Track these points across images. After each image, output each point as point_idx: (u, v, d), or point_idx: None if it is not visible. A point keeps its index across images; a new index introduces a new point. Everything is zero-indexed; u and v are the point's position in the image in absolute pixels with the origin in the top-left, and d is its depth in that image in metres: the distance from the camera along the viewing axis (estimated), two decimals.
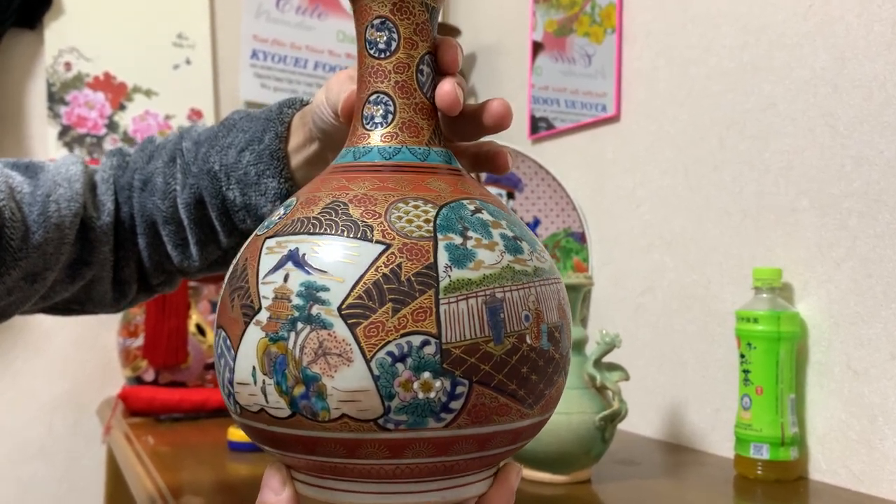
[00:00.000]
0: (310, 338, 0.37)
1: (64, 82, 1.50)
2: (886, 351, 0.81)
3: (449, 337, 0.37)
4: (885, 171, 0.82)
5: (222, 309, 0.41)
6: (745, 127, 0.98)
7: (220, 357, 0.41)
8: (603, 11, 1.25)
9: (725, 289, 1.01)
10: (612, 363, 0.89)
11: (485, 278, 0.39)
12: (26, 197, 0.61)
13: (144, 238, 0.65)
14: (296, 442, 0.38)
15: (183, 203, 0.62)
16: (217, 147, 0.62)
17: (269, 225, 0.42)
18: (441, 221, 0.40)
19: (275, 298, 0.38)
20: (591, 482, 0.87)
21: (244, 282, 0.39)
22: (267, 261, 0.39)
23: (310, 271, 0.38)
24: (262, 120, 0.61)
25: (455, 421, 0.38)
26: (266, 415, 0.38)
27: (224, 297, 0.41)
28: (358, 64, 0.45)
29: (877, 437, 0.82)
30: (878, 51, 0.83)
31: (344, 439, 0.37)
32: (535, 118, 1.41)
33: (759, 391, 0.88)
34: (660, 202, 1.12)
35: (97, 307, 0.68)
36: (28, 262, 0.59)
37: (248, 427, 0.40)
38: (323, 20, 1.67)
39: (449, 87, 0.43)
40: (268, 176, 0.59)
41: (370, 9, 0.44)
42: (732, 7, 1.00)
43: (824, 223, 0.88)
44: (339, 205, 0.40)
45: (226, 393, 0.40)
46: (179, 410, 1.20)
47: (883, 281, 0.81)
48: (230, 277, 0.41)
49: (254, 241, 0.41)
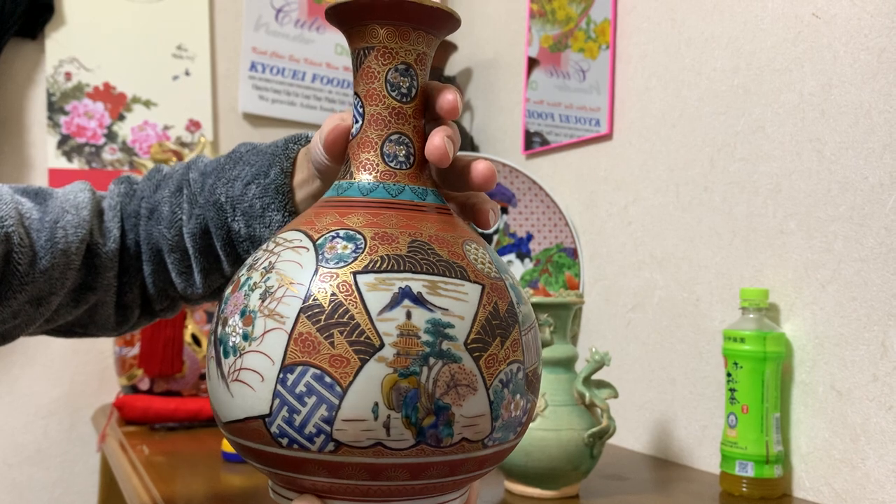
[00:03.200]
0: (442, 371, 0.40)
1: (64, 92, 1.51)
2: (869, 372, 0.83)
3: (527, 363, 0.44)
4: (869, 196, 0.83)
5: (311, 347, 0.39)
6: (736, 149, 1.00)
7: (304, 395, 0.39)
8: (598, 27, 1.26)
9: (714, 307, 1.02)
10: (601, 380, 0.90)
11: (530, 312, 0.46)
12: (35, 223, 0.62)
13: (150, 265, 0.66)
14: (403, 470, 0.41)
15: (189, 232, 0.64)
16: (223, 179, 0.63)
17: (336, 260, 0.41)
18: (495, 262, 0.46)
19: (400, 335, 0.39)
20: (579, 497, 0.88)
21: (346, 318, 0.39)
22: (375, 297, 0.40)
23: (432, 309, 0.41)
24: (268, 154, 0.62)
25: (522, 433, 0.45)
26: (381, 447, 0.39)
27: (308, 335, 0.39)
28: (370, 101, 0.47)
29: (859, 456, 0.83)
30: (864, 79, 0.84)
31: (454, 461, 0.42)
32: (529, 133, 1.42)
33: (744, 410, 0.89)
34: (651, 220, 1.14)
35: (99, 330, 0.69)
36: (34, 286, 0.61)
37: (336, 464, 0.40)
38: (321, 33, 1.68)
39: (439, 141, 0.46)
40: (273, 209, 0.60)
41: (397, 54, 0.46)
42: (725, 31, 1.02)
43: (811, 246, 0.90)
44: (423, 244, 0.43)
45: (311, 431, 0.39)
46: (174, 420, 1.21)
47: (866, 304, 0.83)
48: (316, 318, 0.40)
49: (329, 275, 0.41)
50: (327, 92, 1.69)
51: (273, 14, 1.64)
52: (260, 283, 0.42)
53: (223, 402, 0.43)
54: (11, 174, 1.48)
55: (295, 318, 0.40)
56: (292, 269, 0.42)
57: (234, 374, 0.41)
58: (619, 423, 1.16)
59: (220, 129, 1.64)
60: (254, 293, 0.42)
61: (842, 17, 0.87)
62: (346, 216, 0.44)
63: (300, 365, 0.39)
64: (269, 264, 0.43)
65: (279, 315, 0.40)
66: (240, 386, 0.41)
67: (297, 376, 0.39)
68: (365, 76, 0.47)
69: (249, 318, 0.41)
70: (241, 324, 0.42)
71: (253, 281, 0.43)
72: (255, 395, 0.40)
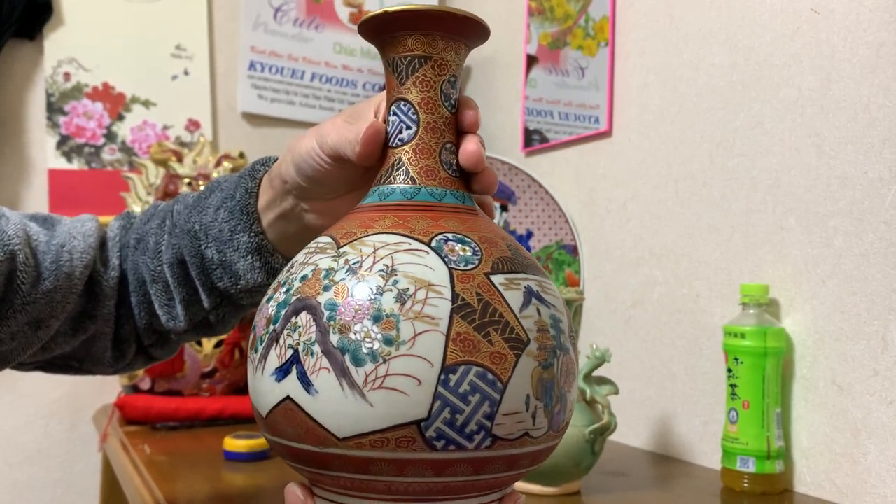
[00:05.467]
0: (564, 361, 0.45)
1: (63, 92, 1.51)
2: (869, 367, 0.83)
3: None
4: (868, 191, 0.83)
5: (471, 347, 0.40)
6: (735, 145, 1.00)
7: (468, 394, 0.40)
8: (596, 25, 1.26)
9: (714, 303, 1.02)
10: (602, 377, 0.90)
11: None
12: (41, 245, 0.63)
13: (136, 296, 0.67)
14: (527, 458, 0.44)
15: (167, 262, 0.64)
16: (198, 207, 0.64)
17: (464, 262, 0.43)
18: None
19: (538, 330, 0.43)
20: (580, 494, 0.88)
21: (497, 316, 0.42)
22: (512, 296, 0.43)
23: (549, 305, 0.45)
24: (236, 178, 0.63)
25: None
26: (527, 437, 0.43)
27: (467, 335, 0.41)
28: (426, 109, 0.49)
29: (860, 451, 0.83)
30: (863, 74, 0.84)
31: (551, 446, 0.46)
32: (528, 130, 1.42)
33: (745, 405, 0.90)
34: (650, 217, 1.14)
35: (95, 365, 0.69)
36: (35, 307, 0.61)
37: (484, 459, 0.42)
38: (320, 32, 1.68)
39: (474, 147, 0.48)
40: (239, 231, 0.60)
41: (449, 66, 0.49)
42: (723, 26, 1.02)
43: (810, 241, 0.90)
44: (515, 247, 0.47)
45: (472, 429, 0.40)
46: (175, 419, 1.21)
47: (867, 299, 0.83)
48: (470, 317, 0.41)
49: (466, 277, 0.42)
50: (326, 91, 1.69)
51: (272, 13, 1.64)
52: (387, 287, 0.41)
53: (350, 415, 0.41)
54: (11, 175, 1.48)
55: (448, 319, 0.41)
56: (421, 271, 0.42)
57: (377, 381, 0.40)
58: (619, 419, 1.16)
59: (220, 128, 1.64)
60: (384, 296, 0.41)
61: (840, 12, 0.87)
62: (440, 220, 0.46)
63: (462, 364, 0.40)
64: (385, 267, 0.42)
65: (429, 317, 0.41)
66: (386, 393, 0.40)
67: (461, 376, 0.40)
68: (420, 84, 0.48)
69: (390, 323, 0.40)
70: (379, 328, 0.40)
71: (372, 285, 0.42)
72: (408, 400, 0.40)
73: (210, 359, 1.27)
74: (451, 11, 0.47)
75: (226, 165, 1.37)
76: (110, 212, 1.02)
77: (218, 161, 1.38)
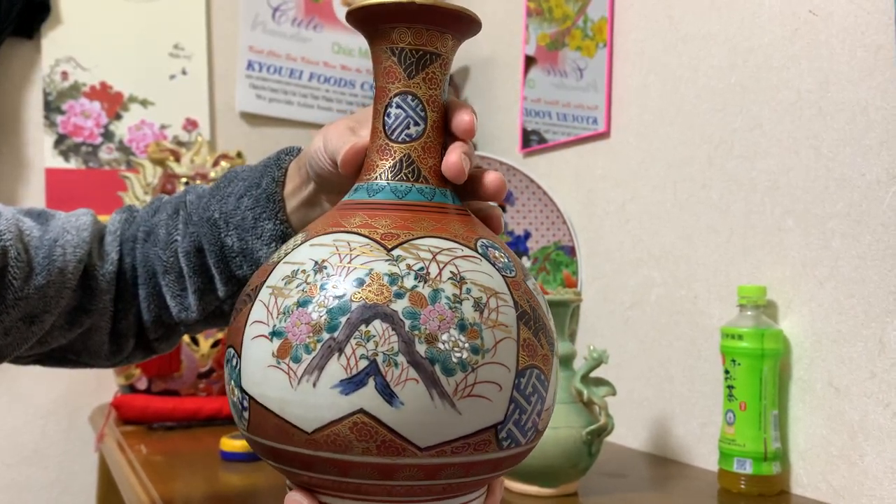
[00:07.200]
0: None
1: (60, 91, 1.51)
2: (866, 369, 0.83)
3: None
4: (866, 193, 0.84)
5: (532, 351, 0.43)
6: (733, 146, 1.00)
7: (531, 395, 0.43)
8: (595, 25, 1.26)
9: (712, 305, 1.02)
10: (599, 378, 0.90)
11: None
12: (34, 240, 0.63)
13: (145, 288, 0.66)
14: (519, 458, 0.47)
15: (183, 251, 0.64)
16: (218, 196, 0.64)
17: (507, 269, 0.45)
18: None
19: (556, 333, 0.49)
20: (577, 495, 0.88)
21: (542, 322, 0.45)
22: (543, 301, 0.47)
23: None
24: (260, 167, 0.64)
25: None
26: None
27: (529, 340, 0.43)
28: (432, 107, 0.48)
29: (857, 453, 0.83)
30: (861, 76, 0.84)
31: None
32: (526, 131, 1.42)
33: (742, 407, 0.90)
34: (649, 218, 1.14)
35: (92, 358, 0.69)
36: (28, 303, 0.61)
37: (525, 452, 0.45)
38: (318, 32, 1.68)
39: (455, 158, 0.47)
40: (264, 219, 0.61)
41: (450, 65, 0.49)
42: (722, 28, 1.02)
43: (808, 243, 0.90)
44: None
45: (528, 427, 0.43)
46: (172, 419, 1.21)
47: (864, 301, 0.83)
48: (529, 323, 0.43)
49: (515, 283, 0.44)
50: (324, 91, 1.69)
51: (270, 13, 1.64)
52: (463, 295, 0.42)
53: (437, 424, 0.40)
54: (8, 174, 1.48)
55: (517, 326, 0.43)
56: (484, 279, 0.43)
57: (467, 389, 0.40)
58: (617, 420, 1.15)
59: (218, 128, 1.64)
60: (463, 305, 0.41)
61: (838, 15, 0.87)
62: (468, 224, 0.47)
63: (528, 368, 0.43)
64: (452, 275, 0.42)
65: (504, 325, 0.42)
66: (473, 401, 0.41)
67: (528, 379, 0.43)
68: (429, 81, 0.47)
69: (475, 332, 0.41)
70: (466, 338, 0.41)
71: (448, 294, 0.42)
72: (491, 405, 0.41)
73: (207, 359, 1.27)
74: (473, 15, 0.47)
75: (223, 165, 1.37)
76: (108, 211, 1.02)
77: (216, 161, 1.38)
